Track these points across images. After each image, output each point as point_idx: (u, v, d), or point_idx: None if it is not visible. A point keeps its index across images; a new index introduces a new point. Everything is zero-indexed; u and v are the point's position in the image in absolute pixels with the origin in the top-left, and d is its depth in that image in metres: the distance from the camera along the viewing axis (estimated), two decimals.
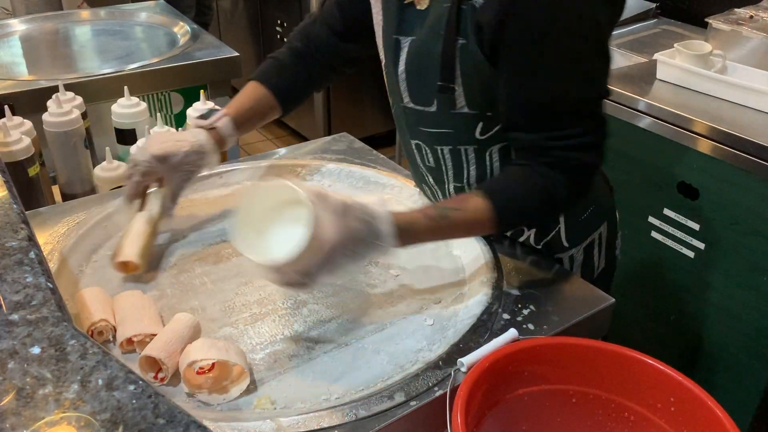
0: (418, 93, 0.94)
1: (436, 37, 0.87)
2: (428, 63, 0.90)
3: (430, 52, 0.89)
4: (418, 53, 0.92)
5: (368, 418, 0.74)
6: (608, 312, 0.95)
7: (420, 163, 1.05)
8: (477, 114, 0.91)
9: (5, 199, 0.75)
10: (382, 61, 1.04)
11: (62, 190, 1.37)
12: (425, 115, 0.95)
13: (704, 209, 1.55)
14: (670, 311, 1.72)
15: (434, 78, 0.89)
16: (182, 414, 0.47)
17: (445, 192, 1.06)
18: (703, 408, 0.71)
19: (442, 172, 1.02)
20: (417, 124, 0.98)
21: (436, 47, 0.87)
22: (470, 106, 0.90)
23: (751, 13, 1.75)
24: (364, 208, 0.80)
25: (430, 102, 0.93)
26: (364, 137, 1.73)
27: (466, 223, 0.88)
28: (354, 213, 0.79)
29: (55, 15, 2.22)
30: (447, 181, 1.03)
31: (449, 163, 1.00)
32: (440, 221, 0.86)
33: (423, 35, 0.90)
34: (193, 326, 0.84)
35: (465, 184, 1.01)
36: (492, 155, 0.96)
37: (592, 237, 1.07)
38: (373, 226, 0.79)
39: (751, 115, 1.52)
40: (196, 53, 1.84)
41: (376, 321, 0.91)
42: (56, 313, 0.57)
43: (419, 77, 0.93)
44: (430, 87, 0.91)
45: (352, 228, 0.78)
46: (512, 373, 0.77)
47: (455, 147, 0.97)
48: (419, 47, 0.91)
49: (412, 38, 0.92)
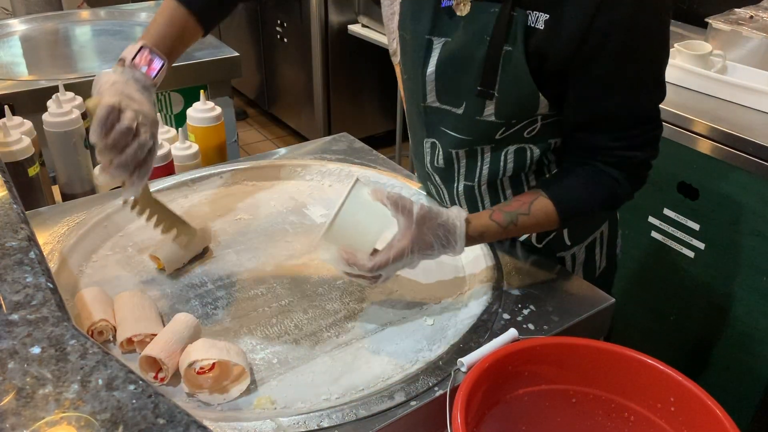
0: (448, 94, 0.94)
1: (479, 42, 0.87)
2: (465, 66, 0.90)
3: (470, 56, 0.89)
4: (454, 56, 0.91)
5: (368, 418, 0.74)
6: (608, 312, 0.95)
7: (428, 164, 1.05)
8: (502, 123, 0.92)
9: (5, 199, 0.75)
10: (394, 56, 1.03)
11: (62, 190, 1.37)
12: (450, 115, 0.95)
13: (704, 209, 1.55)
14: (670, 311, 1.72)
15: (469, 81, 0.90)
16: (182, 414, 0.47)
17: (452, 191, 1.06)
18: (703, 408, 0.71)
19: (453, 171, 1.02)
20: (438, 124, 0.98)
21: (478, 52, 0.87)
22: (497, 115, 0.90)
23: (751, 13, 1.75)
24: (442, 219, 0.85)
25: (459, 104, 0.93)
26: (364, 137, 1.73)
27: (533, 226, 0.92)
28: (431, 224, 0.84)
29: (55, 15, 2.23)
30: (457, 180, 1.03)
31: (462, 161, 1.00)
32: (509, 227, 0.90)
33: (461, 39, 0.89)
34: (193, 326, 0.84)
35: (475, 184, 1.02)
36: (507, 155, 0.97)
37: (594, 235, 1.08)
38: (448, 240, 0.85)
39: (751, 115, 1.52)
40: (196, 53, 1.84)
41: (376, 321, 0.91)
42: (56, 313, 0.57)
43: (452, 79, 0.93)
44: (463, 89, 0.91)
45: (426, 240, 0.84)
46: (512, 373, 0.77)
47: (472, 148, 0.97)
48: (456, 50, 0.91)
49: (446, 40, 0.92)
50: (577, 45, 0.81)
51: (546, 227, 0.93)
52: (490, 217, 0.89)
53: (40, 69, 1.80)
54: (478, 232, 0.88)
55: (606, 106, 0.88)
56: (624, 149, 0.90)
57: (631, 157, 0.90)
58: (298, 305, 0.94)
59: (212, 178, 1.24)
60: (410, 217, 0.83)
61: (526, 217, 0.90)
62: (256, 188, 1.24)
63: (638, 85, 0.87)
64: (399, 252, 0.83)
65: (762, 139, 1.41)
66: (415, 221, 0.83)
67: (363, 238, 0.85)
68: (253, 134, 3.87)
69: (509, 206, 0.91)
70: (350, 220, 0.84)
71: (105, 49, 1.95)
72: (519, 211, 0.90)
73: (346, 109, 3.43)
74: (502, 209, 0.90)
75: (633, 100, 0.87)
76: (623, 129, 0.89)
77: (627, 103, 0.87)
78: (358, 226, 0.85)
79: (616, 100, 0.87)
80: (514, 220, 0.89)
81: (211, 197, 1.21)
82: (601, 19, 0.79)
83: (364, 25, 2.92)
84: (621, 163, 0.91)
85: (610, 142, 0.89)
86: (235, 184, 1.25)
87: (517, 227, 0.90)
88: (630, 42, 0.82)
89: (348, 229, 0.84)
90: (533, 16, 0.83)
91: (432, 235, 0.84)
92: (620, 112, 0.88)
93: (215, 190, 1.23)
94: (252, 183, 1.25)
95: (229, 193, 1.22)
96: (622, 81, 0.85)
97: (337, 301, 0.95)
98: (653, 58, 0.86)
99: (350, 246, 0.84)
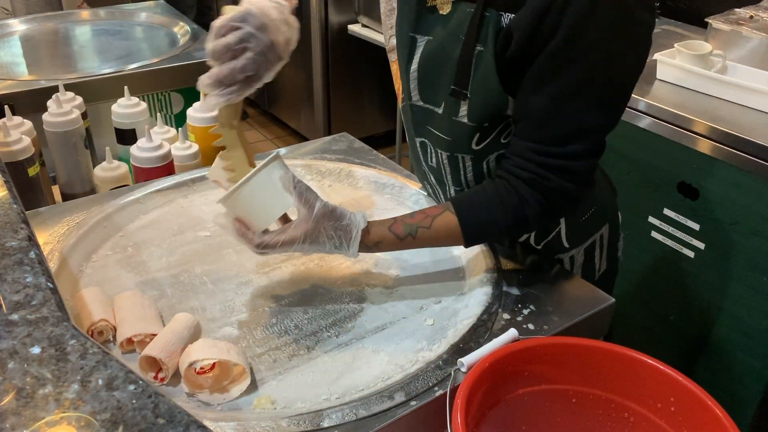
0: (429, 92, 0.94)
1: (456, 41, 0.87)
2: (444, 65, 0.90)
3: (448, 56, 0.88)
4: (434, 55, 0.91)
5: (368, 418, 0.74)
6: (608, 312, 0.95)
7: (423, 162, 1.05)
8: (474, 126, 0.90)
9: (5, 199, 0.75)
10: (390, 52, 1.03)
11: (62, 190, 1.37)
12: (432, 115, 0.95)
13: (704, 209, 1.55)
14: (670, 311, 1.72)
15: (447, 80, 0.89)
16: (182, 414, 0.47)
17: (446, 193, 1.06)
18: (703, 408, 0.71)
19: (442, 174, 1.02)
20: (424, 123, 0.98)
21: (455, 51, 0.87)
22: (470, 117, 0.90)
23: (751, 13, 1.75)
24: (342, 222, 0.86)
25: (439, 103, 0.93)
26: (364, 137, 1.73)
27: (433, 240, 0.91)
28: (330, 224, 0.85)
29: (55, 15, 2.22)
30: (447, 184, 1.03)
31: (447, 168, 1.00)
32: (406, 239, 0.90)
33: (441, 37, 0.90)
34: (193, 326, 0.84)
35: (464, 188, 1.01)
36: (489, 164, 0.96)
37: (593, 238, 1.07)
38: (341, 242, 0.86)
39: (751, 115, 1.52)
40: (196, 53, 1.84)
41: (376, 321, 0.91)
42: (56, 313, 0.57)
43: (432, 78, 0.93)
44: (442, 88, 0.91)
45: (319, 237, 0.85)
46: (512, 373, 0.77)
47: (453, 154, 0.97)
48: (436, 49, 0.91)
49: (428, 38, 0.92)
50: (527, 40, 0.80)
51: (449, 243, 0.92)
52: (390, 228, 0.89)
53: (40, 69, 1.80)
54: (373, 242, 0.88)
55: (535, 104, 0.83)
56: (540, 166, 0.85)
57: (549, 179, 0.86)
58: (298, 305, 0.94)
59: None
60: (311, 211, 0.84)
61: (426, 231, 0.89)
62: None
63: (574, 95, 0.82)
64: (289, 239, 0.84)
65: (762, 139, 1.41)
66: (313, 217, 0.84)
67: (259, 214, 0.86)
68: (253, 134, 3.87)
69: (413, 218, 0.90)
70: (254, 194, 0.85)
71: (105, 49, 1.95)
72: (420, 225, 0.89)
73: (346, 109, 3.43)
74: (405, 220, 0.90)
75: (563, 108, 0.83)
76: (545, 141, 0.85)
77: (556, 110, 0.83)
78: (259, 201, 0.85)
79: (543, 101, 0.83)
80: (413, 232, 0.89)
81: (211, 197, 1.21)
82: (550, 17, 0.78)
83: (364, 25, 2.92)
84: (534, 182, 0.86)
85: (530, 152, 0.86)
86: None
87: (415, 240, 0.89)
88: (571, 47, 0.79)
89: (249, 201, 0.85)
90: (506, 18, 0.82)
91: (326, 234, 0.85)
92: (546, 117, 0.84)
93: (215, 190, 1.23)
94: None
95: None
96: (557, 83, 0.81)
97: (337, 301, 0.95)
98: (603, 72, 0.81)
99: (246, 217, 0.86)
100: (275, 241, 0.84)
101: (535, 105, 0.84)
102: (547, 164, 0.86)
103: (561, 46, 0.79)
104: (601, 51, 0.80)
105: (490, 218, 0.89)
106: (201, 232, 1.10)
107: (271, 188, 0.85)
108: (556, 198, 0.88)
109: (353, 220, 0.87)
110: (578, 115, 0.84)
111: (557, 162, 0.85)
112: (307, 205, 0.84)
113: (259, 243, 0.85)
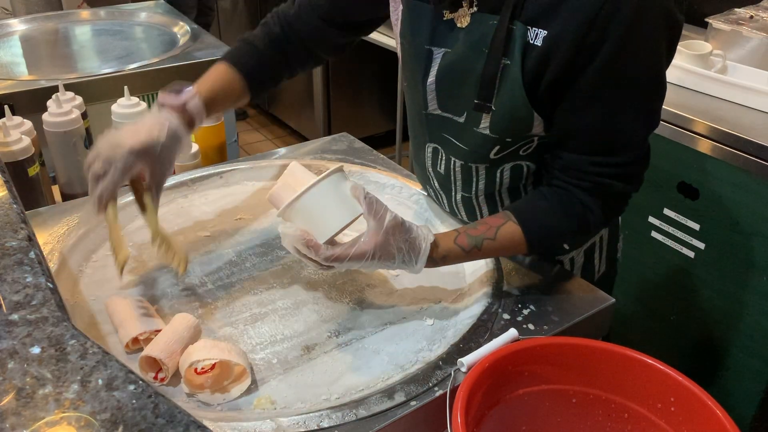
0: (449, 103, 0.93)
1: (478, 54, 0.85)
2: (465, 77, 0.88)
3: (469, 68, 0.87)
4: (454, 67, 0.90)
5: (368, 418, 0.74)
6: (608, 312, 0.95)
7: (429, 167, 1.04)
8: (496, 138, 0.90)
9: (5, 199, 0.75)
10: (399, 59, 1.02)
11: (62, 190, 1.37)
12: (452, 123, 0.94)
13: (704, 209, 1.55)
14: (670, 311, 1.72)
15: (469, 92, 0.88)
16: (182, 414, 0.47)
17: (450, 198, 1.05)
18: (703, 408, 0.71)
19: (451, 181, 1.02)
20: (440, 130, 0.97)
21: (477, 64, 0.86)
22: (492, 129, 0.89)
23: (751, 13, 1.75)
24: (411, 235, 0.84)
25: (461, 113, 0.92)
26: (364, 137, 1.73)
27: (497, 251, 0.90)
28: (399, 236, 0.82)
29: (55, 15, 2.23)
30: (454, 190, 1.03)
31: (459, 175, 0.99)
32: (472, 251, 0.88)
33: (461, 50, 0.88)
34: (194, 326, 0.84)
35: (473, 195, 1.01)
36: (503, 173, 0.96)
37: (593, 240, 1.07)
38: (410, 257, 0.83)
39: (751, 115, 1.52)
40: (196, 53, 1.85)
41: (376, 321, 0.91)
42: (56, 313, 0.57)
43: (452, 89, 0.91)
44: (463, 99, 0.90)
45: (389, 250, 0.82)
46: (512, 373, 0.77)
47: (467, 164, 0.96)
48: (455, 61, 0.89)
49: (446, 50, 0.90)
50: (569, 58, 0.80)
51: (512, 253, 0.92)
52: (455, 241, 0.88)
53: (40, 69, 1.80)
54: (441, 255, 0.87)
55: (587, 122, 0.85)
56: (600, 175, 0.87)
57: (608, 185, 0.87)
58: (298, 305, 0.94)
59: (212, 178, 1.24)
60: (381, 223, 0.81)
61: (491, 242, 0.88)
62: (256, 188, 1.24)
63: (621, 108, 0.83)
64: (360, 253, 0.81)
65: (762, 139, 1.41)
66: (384, 228, 0.81)
67: (323, 224, 0.82)
68: (253, 134, 3.87)
69: (476, 230, 0.89)
70: (318, 202, 0.81)
71: (105, 49, 1.95)
72: (484, 236, 0.88)
73: (346, 109, 3.43)
74: (468, 232, 0.89)
75: (613, 122, 0.84)
76: (602, 153, 0.86)
77: (607, 124, 0.84)
78: (324, 210, 0.81)
79: (597, 117, 0.84)
80: (478, 244, 0.88)
81: (211, 197, 1.21)
82: (594, 33, 0.77)
83: None
84: (596, 190, 0.88)
85: (588, 165, 0.87)
86: (235, 184, 1.25)
87: (480, 251, 0.88)
88: (618, 62, 0.79)
89: (313, 209, 0.81)
90: (532, 32, 0.81)
91: (396, 247, 0.82)
92: (599, 132, 0.85)
93: (215, 190, 1.23)
94: (252, 183, 1.25)
95: (229, 193, 1.22)
96: (606, 99, 0.82)
97: (337, 301, 0.95)
98: (642, 85, 0.83)
99: (308, 227, 0.82)
100: (345, 254, 0.80)
101: (586, 120, 0.85)
102: (606, 174, 0.87)
103: (610, 59, 0.79)
104: (648, 57, 0.81)
105: (554, 227, 0.90)
106: (201, 232, 1.10)
107: (337, 196, 0.82)
108: (616, 202, 0.91)
109: (421, 233, 0.85)
110: (631, 123, 0.85)
111: (616, 170, 0.87)
112: (377, 217, 0.81)
113: (329, 255, 0.80)
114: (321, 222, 0.82)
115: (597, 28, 0.77)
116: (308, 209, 0.81)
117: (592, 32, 0.77)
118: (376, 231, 0.81)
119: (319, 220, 0.82)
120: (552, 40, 0.80)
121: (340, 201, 0.82)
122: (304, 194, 0.80)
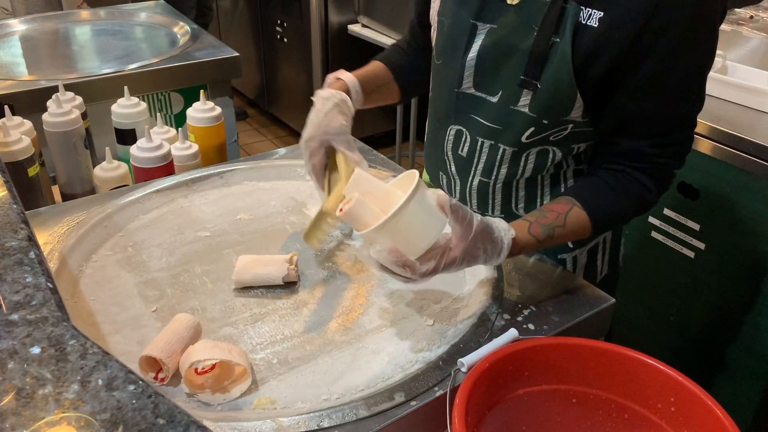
0: (485, 80, 0.94)
1: (527, 31, 0.86)
2: (509, 55, 0.89)
3: (515, 45, 0.88)
4: (498, 43, 0.90)
5: (368, 418, 0.74)
6: (608, 312, 0.95)
7: (449, 151, 1.04)
8: (533, 118, 0.91)
9: (5, 199, 0.75)
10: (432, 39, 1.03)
11: (62, 190, 1.37)
12: (483, 103, 0.95)
13: (704, 209, 1.55)
14: (670, 311, 1.72)
15: (510, 70, 0.89)
16: (182, 414, 0.47)
17: (466, 184, 1.05)
18: (703, 408, 0.71)
19: (472, 165, 1.02)
20: (469, 111, 0.97)
21: (525, 41, 0.87)
22: (531, 107, 0.90)
23: (751, 13, 1.75)
24: (494, 235, 0.83)
25: (495, 92, 0.93)
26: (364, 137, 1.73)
27: (567, 236, 0.92)
28: (486, 237, 0.82)
29: (55, 15, 2.23)
30: (473, 175, 1.03)
31: (484, 157, 1.00)
32: (545, 240, 0.89)
33: (509, 27, 0.89)
34: (194, 326, 0.84)
35: (491, 181, 1.01)
36: (528, 157, 0.97)
37: (596, 240, 1.07)
38: (492, 254, 0.83)
39: (751, 115, 1.52)
40: (196, 53, 1.85)
41: (376, 321, 0.91)
42: (56, 313, 0.57)
43: (492, 66, 0.92)
44: (502, 78, 0.91)
45: (475, 253, 0.81)
46: (512, 373, 0.77)
47: (496, 143, 0.97)
48: (501, 38, 0.90)
49: (492, 26, 0.91)
50: (630, 43, 0.81)
51: (579, 237, 0.93)
52: (529, 231, 0.88)
53: (40, 69, 1.80)
54: (519, 248, 0.87)
55: (648, 108, 0.87)
56: (658, 156, 0.90)
57: (663, 164, 0.91)
58: (298, 305, 0.94)
59: (212, 178, 1.24)
60: (470, 228, 0.79)
61: (561, 230, 0.89)
62: (256, 188, 1.24)
63: (681, 90, 0.86)
64: (450, 261, 0.79)
65: (762, 139, 1.41)
66: (472, 236, 0.79)
67: (415, 242, 0.78)
68: (253, 134, 3.87)
69: (545, 218, 0.89)
70: (408, 221, 0.76)
71: (105, 49, 1.95)
72: (555, 224, 0.89)
73: None
74: (540, 221, 0.89)
75: (674, 105, 0.87)
76: (660, 135, 0.89)
77: (668, 108, 0.87)
78: (414, 228, 0.78)
79: (659, 102, 0.86)
80: (550, 233, 0.89)
81: (211, 197, 1.21)
82: (657, 18, 0.78)
83: (364, 25, 2.92)
84: (652, 170, 0.91)
85: (647, 147, 0.89)
86: (235, 184, 1.25)
87: (552, 239, 0.89)
88: (681, 45, 0.81)
89: (403, 229, 0.77)
90: (586, 12, 0.81)
91: (482, 249, 0.81)
92: (660, 116, 0.88)
93: (215, 190, 1.23)
94: (252, 183, 1.25)
95: (229, 193, 1.22)
96: (668, 83, 0.85)
97: (337, 302, 0.95)
98: (700, 64, 0.85)
99: (397, 245, 0.78)
100: (437, 266, 0.78)
101: (646, 106, 0.87)
102: (664, 154, 0.90)
103: (676, 44, 0.80)
104: (709, 37, 0.84)
105: (617, 209, 0.92)
106: (201, 232, 1.10)
107: (423, 213, 0.78)
108: (669, 178, 0.94)
109: (500, 231, 0.84)
110: (686, 106, 0.88)
111: (673, 149, 0.90)
112: (464, 223, 0.79)
113: (425, 272, 0.78)
114: (413, 239, 0.78)
115: (661, 13, 0.78)
116: (398, 229, 0.77)
117: (656, 17, 0.78)
118: (464, 236, 0.79)
119: (410, 238, 0.78)
120: (610, 23, 0.81)
121: (427, 216, 0.78)
122: (395, 216, 0.75)
